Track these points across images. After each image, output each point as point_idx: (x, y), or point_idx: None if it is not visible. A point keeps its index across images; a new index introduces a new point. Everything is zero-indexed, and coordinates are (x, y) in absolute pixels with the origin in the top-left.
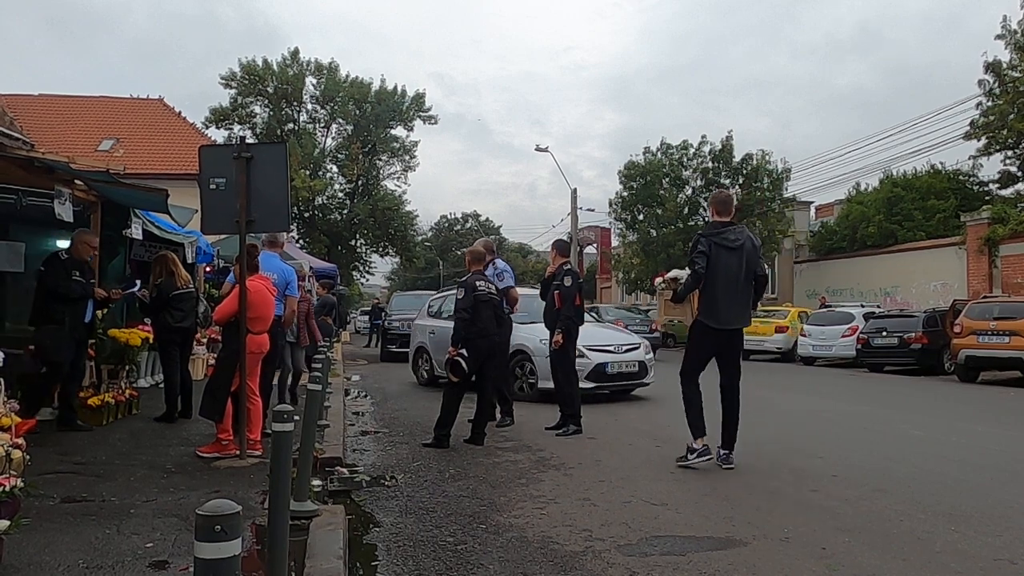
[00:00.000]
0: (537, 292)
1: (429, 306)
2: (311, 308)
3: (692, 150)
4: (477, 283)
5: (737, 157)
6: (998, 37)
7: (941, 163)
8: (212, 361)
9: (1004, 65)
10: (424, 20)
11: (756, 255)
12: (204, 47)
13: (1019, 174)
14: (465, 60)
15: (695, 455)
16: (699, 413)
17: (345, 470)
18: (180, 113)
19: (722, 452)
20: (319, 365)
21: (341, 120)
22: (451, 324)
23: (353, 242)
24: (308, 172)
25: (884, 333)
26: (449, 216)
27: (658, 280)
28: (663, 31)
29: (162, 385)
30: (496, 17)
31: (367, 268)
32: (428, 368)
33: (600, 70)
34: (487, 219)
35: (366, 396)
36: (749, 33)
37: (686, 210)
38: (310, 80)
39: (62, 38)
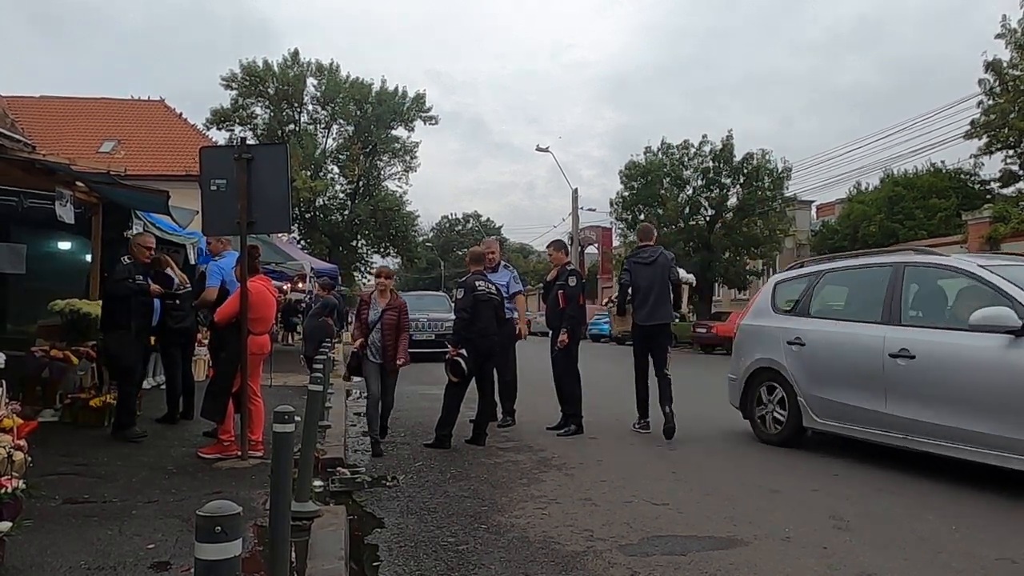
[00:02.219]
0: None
1: (775, 294)
2: (403, 317)
3: (693, 150)
4: (476, 283)
5: (738, 156)
6: (998, 36)
7: (942, 162)
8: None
9: (1004, 64)
10: (422, 19)
11: (668, 266)
12: (197, 43)
13: (1020, 173)
14: (464, 59)
15: (638, 426)
16: (645, 401)
17: (346, 471)
18: (181, 115)
19: (667, 413)
20: (320, 366)
21: (342, 121)
22: (839, 328)
23: (354, 243)
24: (309, 173)
25: None
26: (450, 216)
27: (606, 301)
28: (662, 27)
29: (163, 386)
30: (495, 16)
31: (368, 269)
32: (786, 410)
33: (600, 68)
34: (488, 219)
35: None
36: (749, 29)
37: (687, 210)
38: (311, 81)
39: (50, 35)
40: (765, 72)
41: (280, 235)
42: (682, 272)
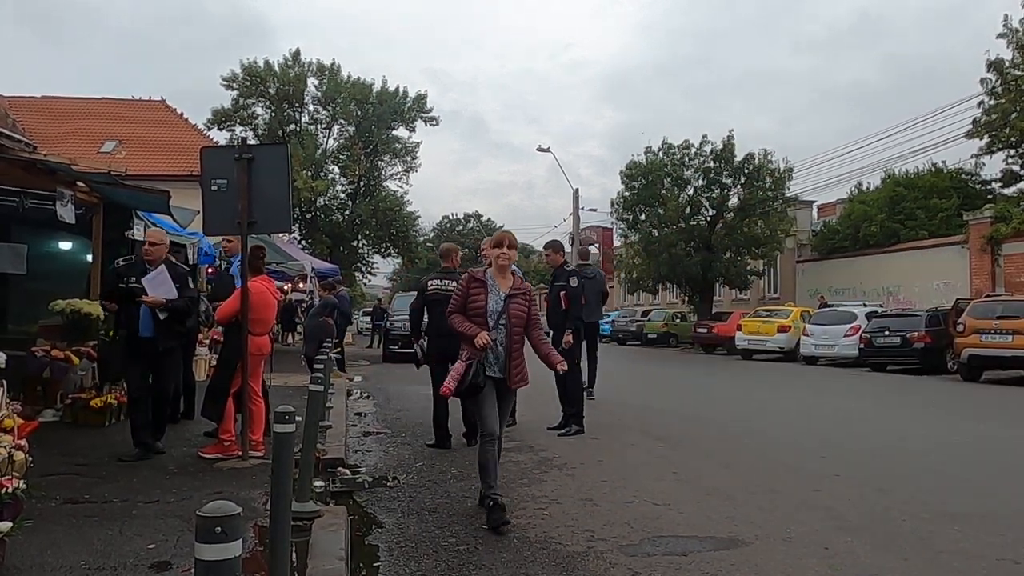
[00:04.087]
0: None
1: None
2: (534, 309)
3: (694, 150)
4: (429, 282)
5: (739, 156)
6: (1000, 36)
7: (943, 162)
8: (214, 362)
9: (1006, 64)
10: (422, 18)
11: (602, 281)
12: (194, 44)
13: (1022, 172)
14: (464, 58)
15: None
16: (592, 374)
17: (347, 471)
18: (182, 115)
19: (590, 390)
20: (321, 366)
21: (343, 121)
22: None
23: (355, 243)
24: (310, 173)
25: (887, 332)
26: (451, 216)
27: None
28: (662, 26)
29: None
30: (495, 16)
31: (369, 269)
32: None
33: (599, 67)
34: (488, 219)
35: (368, 397)
36: (748, 27)
37: (688, 210)
38: (312, 81)
39: (49, 36)
40: (765, 70)
41: (281, 235)
42: None
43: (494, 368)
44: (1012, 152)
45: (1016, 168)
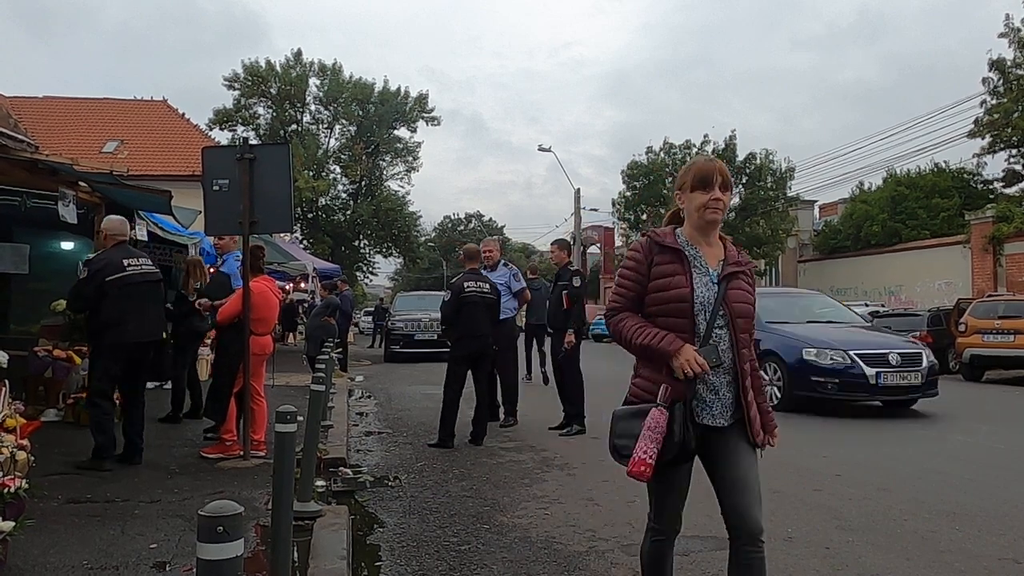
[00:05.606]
0: None
1: None
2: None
3: (695, 149)
4: (466, 283)
5: (740, 156)
6: (1001, 35)
7: (945, 162)
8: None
9: (1008, 63)
10: (420, 17)
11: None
12: (185, 41)
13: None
14: (463, 57)
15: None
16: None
17: (349, 471)
18: (184, 115)
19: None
20: (322, 366)
21: (344, 121)
22: None
23: (356, 243)
24: (311, 173)
25: (888, 332)
26: (452, 216)
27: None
28: (663, 25)
29: (167, 386)
30: (494, 14)
31: (371, 269)
32: None
33: (600, 67)
34: (490, 219)
35: (370, 397)
36: (749, 25)
37: None
38: (313, 81)
39: (48, 38)
40: (766, 68)
41: (282, 235)
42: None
43: (711, 410)
44: (1014, 152)
45: (1018, 168)
